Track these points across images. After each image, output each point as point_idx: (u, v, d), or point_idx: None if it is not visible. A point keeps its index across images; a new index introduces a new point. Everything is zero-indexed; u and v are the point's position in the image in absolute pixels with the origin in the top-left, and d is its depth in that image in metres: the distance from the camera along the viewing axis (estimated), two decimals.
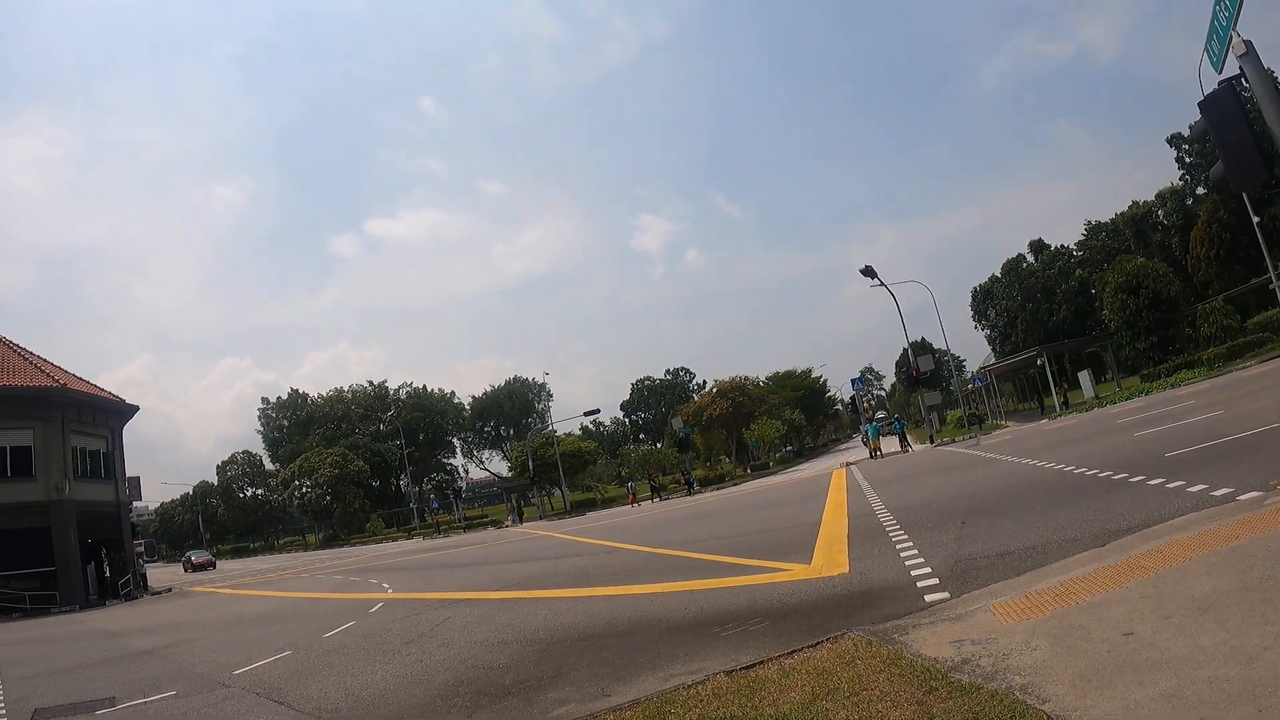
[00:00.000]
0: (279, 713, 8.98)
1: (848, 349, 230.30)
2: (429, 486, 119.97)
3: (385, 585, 23.09)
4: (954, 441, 43.03)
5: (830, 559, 12.32)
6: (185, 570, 71.67)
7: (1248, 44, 7.68)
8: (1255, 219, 43.64)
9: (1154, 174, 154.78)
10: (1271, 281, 43.39)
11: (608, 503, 72.89)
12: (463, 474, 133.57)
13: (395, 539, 79.33)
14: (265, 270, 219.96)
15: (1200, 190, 74.76)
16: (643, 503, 56.29)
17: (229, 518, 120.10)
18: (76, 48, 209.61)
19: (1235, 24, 7.69)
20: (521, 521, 64.37)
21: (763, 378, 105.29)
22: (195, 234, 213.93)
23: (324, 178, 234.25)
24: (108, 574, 42.13)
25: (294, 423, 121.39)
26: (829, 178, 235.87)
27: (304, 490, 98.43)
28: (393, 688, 9.25)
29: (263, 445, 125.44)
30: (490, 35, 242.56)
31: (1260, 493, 9.49)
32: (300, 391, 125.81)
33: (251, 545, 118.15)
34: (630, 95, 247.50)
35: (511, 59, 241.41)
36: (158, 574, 64.69)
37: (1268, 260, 44.46)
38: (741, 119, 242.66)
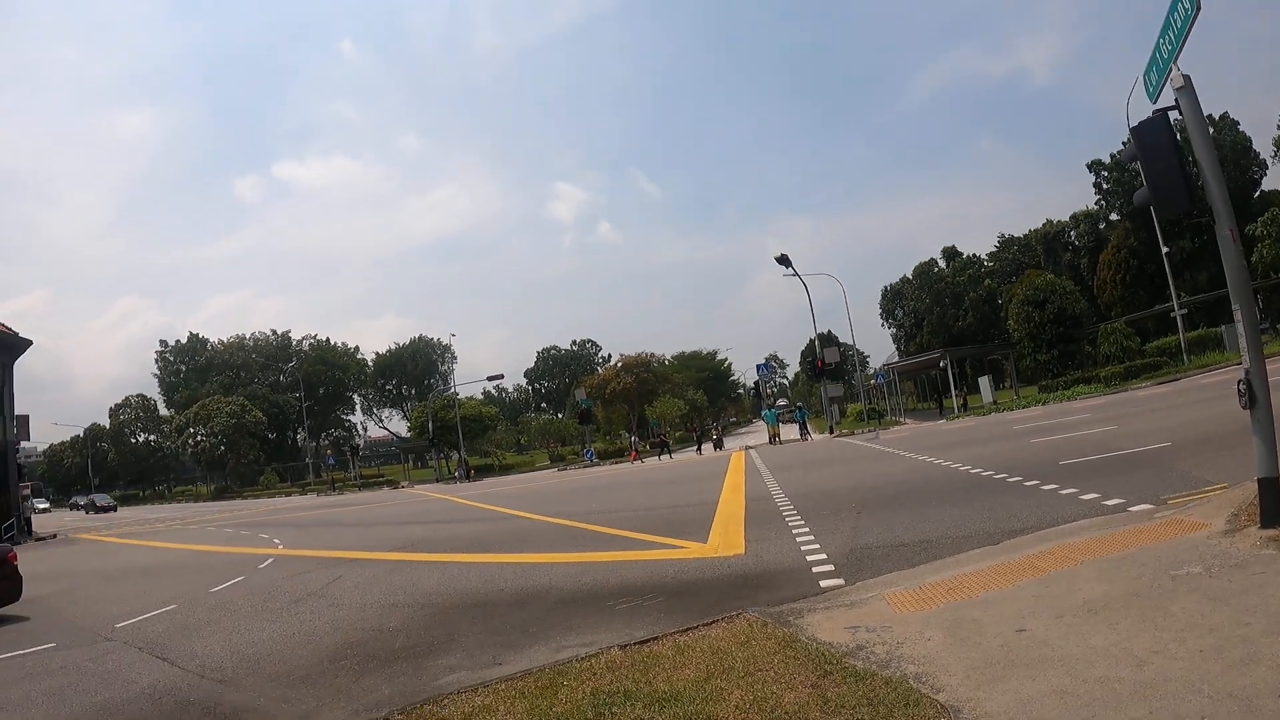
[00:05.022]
0: (161, 669, 8.65)
1: (754, 336, 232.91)
2: (326, 442, 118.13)
3: (276, 541, 22.58)
4: (853, 434, 43.67)
5: (726, 539, 12.38)
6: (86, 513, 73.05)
7: (1186, 78, 7.80)
8: (1165, 249, 44.96)
9: (1071, 196, 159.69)
10: (1174, 309, 44.89)
11: (506, 469, 72.42)
12: (361, 431, 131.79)
13: (289, 494, 77.92)
14: (172, 207, 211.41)
15: (1114, 216, 77.04)
16: (646, 460, 54.77)
17: (119, 463, 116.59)
18: None
19: (1177, 58, 7.82)
20: (470, 478, 63.02)
21: (668, 356, 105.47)
22: (104, 165, 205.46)
23: (235, 115, 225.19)
24: None
25: (192, 368, 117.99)
26: (753, 165, 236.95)
27: (199, 439, 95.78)
28: (279, 647, 9.00)
29: (158, 390, 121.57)
30: None
31: (1151, 506, 9.74)
32: (200, 336, 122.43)
33: (141, 493, 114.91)
34: (565, 63, 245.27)
35: (452, 13, 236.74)
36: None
37: (1172, 289, 46.04)
38: (672, 98, 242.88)
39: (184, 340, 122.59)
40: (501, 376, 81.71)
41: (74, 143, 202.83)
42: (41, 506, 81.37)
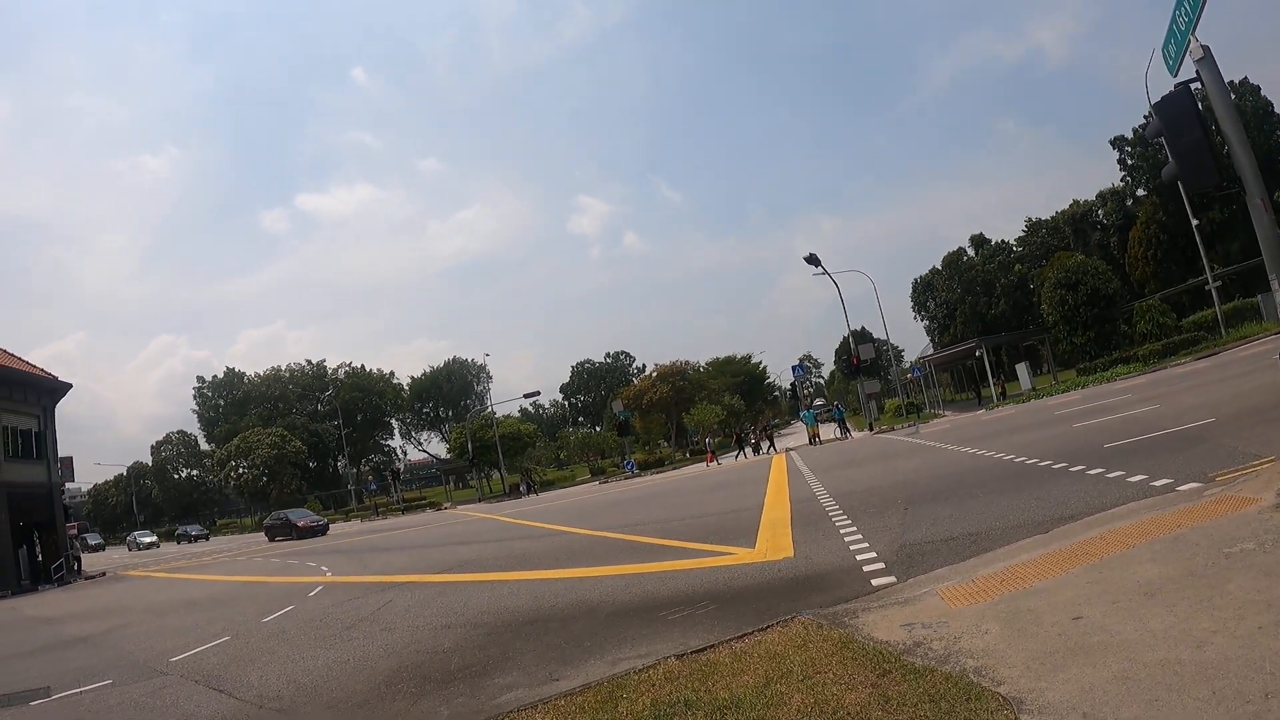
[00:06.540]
0: (219, 701, 8.73)
1: (787, 337, 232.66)
2: (367, 468, 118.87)
3: (324, 568, 22.77)
4: (893, 429, 43.47)
5: (774, 543, 12.34)
6: (270, 540, 53.21)
7: (1205, 49, 7.71)
8: (1194, 221, 44.41)
9: (1095, 175, 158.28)
10: (1208, 283, 44.37)
11: (547, 485, 72.68)
12: (401, 455, 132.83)
13: (333, 521, 78.33)
14: (200, 244, 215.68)
15: (1140, 192, 76.27)
16: (723, 460, 54.40)
17: (164, 499, 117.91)
18: (18, 8, 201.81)
19: (1194, 29, 7.74)
20: (534, 491, 64.34)
21: (703, 363, 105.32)
22: (131, 207, 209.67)
23: (255, 149, 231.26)
24: (40, 558, 40.90)
25: (230, 402, 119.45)
26: (773, 166, 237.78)
27: (240, 471, 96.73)
28: (336, 674, 9.06)
29: (198, 425, 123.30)
30: (447, 10, 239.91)
31: (1200, 484, 9.64)
32: (237, 370, 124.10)
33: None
34: (579, 77, 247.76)
35: (462, 35, 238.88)
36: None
37: (1204, 261, 45.52)
38: (688, 105, 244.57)
39: (220, 375, 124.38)
40: (538, 393, 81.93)
41: (100, 187, 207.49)
42: (147, 541, 77.27)
